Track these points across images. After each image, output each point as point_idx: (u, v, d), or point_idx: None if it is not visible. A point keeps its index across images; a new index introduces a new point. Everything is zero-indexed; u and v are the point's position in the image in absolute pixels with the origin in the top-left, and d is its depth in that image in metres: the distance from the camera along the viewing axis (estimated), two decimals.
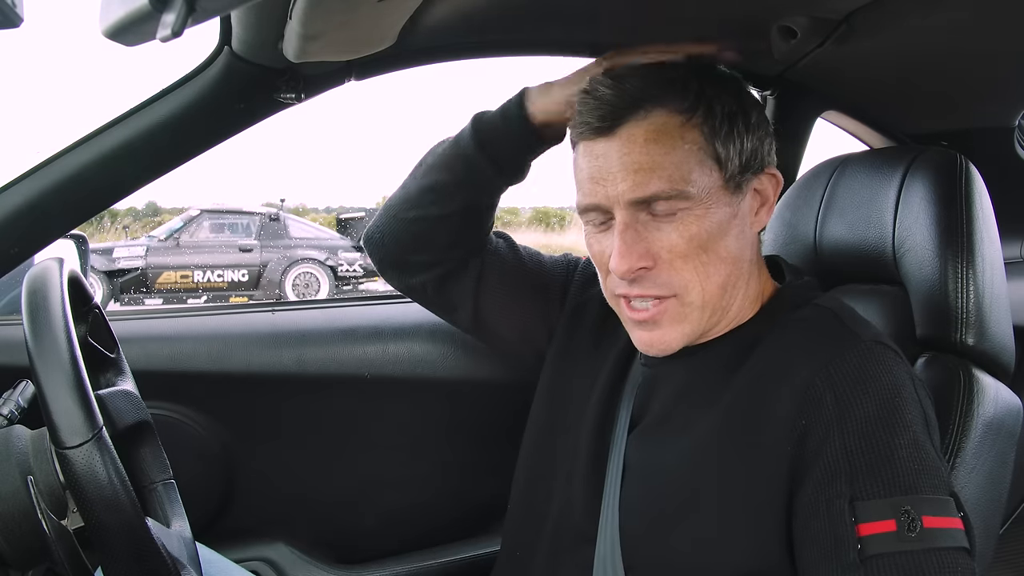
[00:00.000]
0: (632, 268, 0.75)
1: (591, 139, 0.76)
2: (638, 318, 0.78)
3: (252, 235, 9.33)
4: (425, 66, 1.07)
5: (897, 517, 0.62)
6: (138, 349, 1.18)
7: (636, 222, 0.75)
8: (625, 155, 0.74)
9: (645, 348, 0.80)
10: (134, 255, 8.87)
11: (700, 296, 0.76)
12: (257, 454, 1.27)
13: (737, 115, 0.77)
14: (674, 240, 0.74)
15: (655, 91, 0.74)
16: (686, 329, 0.78)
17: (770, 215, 0.82)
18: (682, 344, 0.78)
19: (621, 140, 0.74)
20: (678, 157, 0.73)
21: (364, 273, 9.35)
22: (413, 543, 1.34)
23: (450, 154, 0.96)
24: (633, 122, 0.74)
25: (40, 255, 1.03)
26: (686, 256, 0.75)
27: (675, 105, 0.74)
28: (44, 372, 0.63)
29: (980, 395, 0.80)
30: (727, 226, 0.76)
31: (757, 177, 0.79)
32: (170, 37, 0.38)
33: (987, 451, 0.79)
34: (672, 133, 0.74)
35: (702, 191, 0.74)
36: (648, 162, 0.73)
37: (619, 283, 0.78)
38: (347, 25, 0.75)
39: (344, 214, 10.41)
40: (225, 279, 9.01)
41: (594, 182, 0.76)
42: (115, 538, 0.62)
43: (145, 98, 0.97)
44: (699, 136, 0.74)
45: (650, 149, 0.73)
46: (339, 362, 1.26)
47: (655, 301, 0.77)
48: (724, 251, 0.76)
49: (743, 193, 0.78)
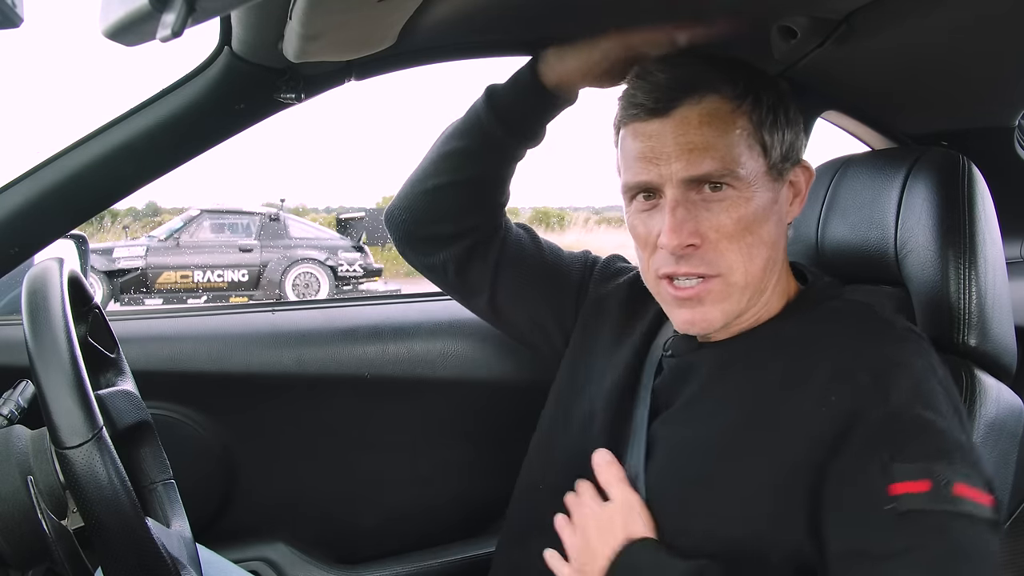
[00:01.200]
0: (682, 243, 0.77)
1: (644, 120, 0.79)
2: (682, 295, 0.80)
3: (252, 235, 9.32)
4: (425, 66, 1.07)
5: (932, 478, 0.64)
6: (138, 349, 1.18)
7: (687, 200, 0.77)
8: (680, 135, 0.77)
9: (687, 327, 0.82)
10: (134, 255, 8.87)
11: (744, 276, 0.78)
12: (257, 454, 1.27)
13: (779, 107, 0.80)
14: (722, 220, 0.77)
15: (708, 77, 0.78)
16: (728, 308, 0.79)
17: (801, 207, 0.84)
18: (723, 323, 0.80)
19: (675, 121, 0.77)
20: (730, 140, 0.77)
21: (364, 273, 9.36)
22: (413, 543, 1.34)
23: (465, 121, 1.00)
24: (688, 105, 0.77)
25: (40, 255, 1.03)
26: (732, 236, 0.77)
27: (727, 92, 0.78)
28: (44, 372, 0.63)
29: (982, 396, 0.80)
30: (769, 211, 0.79)
31: (794, 168, 0.82)
32: (170, 37, 0.38)
33: (989, 451, 0.79)
34: (724, 117, 0.77)
35: (750, 174, 0.77)
36: (702, 142, 0.76)
37: (665, 261, 0.79)
38: (347, 25, 0.75)
39: (344, 214, 10.41)
40: (225, 279, 9.01)
41: (646, 161, 0.78)
42: (115, 538, 0.62)
43: (145, 98, 0.97)
44: (748, 123, 0.78)
45: (703, 131, 0.76)
46: (339, 362, 1.26)
47: (700, 280, 0.79)
48: (766, 235, 0.79)
49: (783, 181, 0.81)
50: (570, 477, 0.85)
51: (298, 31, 0.73)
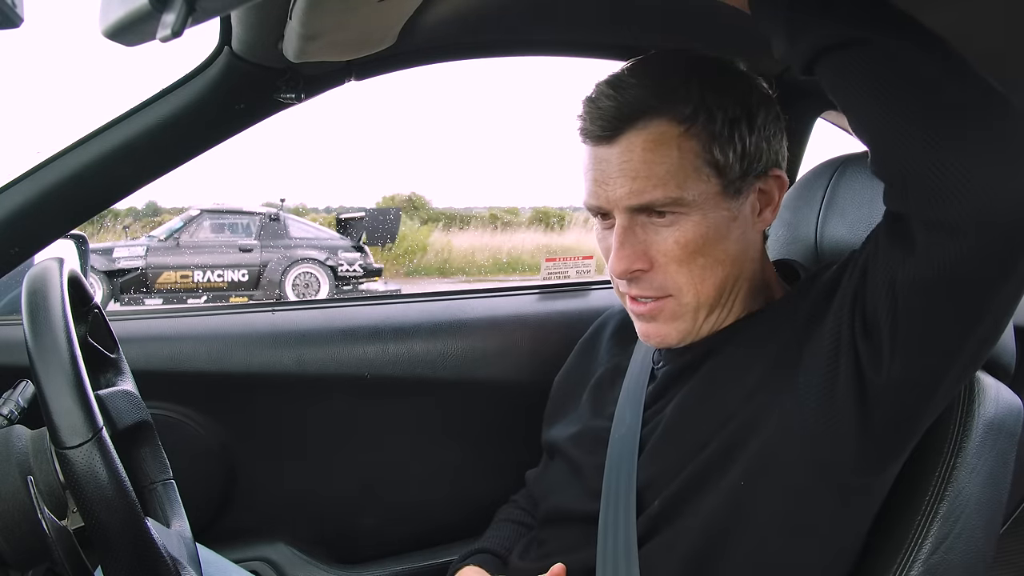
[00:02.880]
0: (628, 269, 0.78)
1: (593, 144, 0.79)
2: (638, 311, 0.82)
3: (252, 235, 9.31)
4: (425, 66, 1.07)
5: None
6: (138, 349, 1.18)
7: (635, 224, 0.78)
8: (624, 163, 0.76)
9: (644, 339, 0.84)
10: (134, 255, 8.86)
11: (695, 298, 0.79)
12: (257, 454, 1.27)
13: (740, 120, 0.77)
14: (669, 245, 0.77)
15: (655, 101, 0.76)
16: (681, 326, 0.81)
17: (775, 214, 0.83)
18: (679, 339, 0.82)
19: (621, 148, 0.77)
20: (675, 166, 0.75)
21: (364, 273, 9.35)
22: (413, 543, 1.34)
23: None
24: (633, 132, 0.76)
25: (40, 255, 1.03)
26: (680, 260, 0.77)
27: (675, 114, 0.76)
28: (44, 372, 0.63)
29: (981, 395, 0.80)
30: (726, 230, 0.78)
31: (761, 179, 0.80)
32: (170, 37, 0.38)
33: (988, 451, 0.79)
34: (670, 143, 0.76)
35: (698, 197, 0.76)
36: (645, 171, 0.75)
37: (620, 281, 0.82)
38: (347, 25, 0.76)
39: (344, 214, 10.39)
40: (225, 279, 9.00)
41: (597, 184, 0.79)
42: (115, 538, 0.62)
43: (145, 98, 0.97)
44: (697, 145, 0.76)
45: (647, 158, 0.75)
46: (339, 362, 1.26)
47: (653, 299, 0.80)
48: (722, 254, 0.78)
49: (743, 196, 0.79)
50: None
51: (298, 31, 0.73)
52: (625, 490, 0.81)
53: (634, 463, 0.82)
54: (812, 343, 0.72)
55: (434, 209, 16.01)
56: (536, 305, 1.40)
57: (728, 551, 0.74)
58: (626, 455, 0.83)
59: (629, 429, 0.85)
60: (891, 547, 0.79)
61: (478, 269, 12.21)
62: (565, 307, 1.40)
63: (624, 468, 0.82)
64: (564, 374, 1.06)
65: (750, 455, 0.73)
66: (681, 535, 0.76)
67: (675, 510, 0.77)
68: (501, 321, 1.35)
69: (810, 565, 0.76)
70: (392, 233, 10.30)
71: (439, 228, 14.17)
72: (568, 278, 1.55)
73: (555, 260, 1.57)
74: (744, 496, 0.73)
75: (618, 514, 0.80)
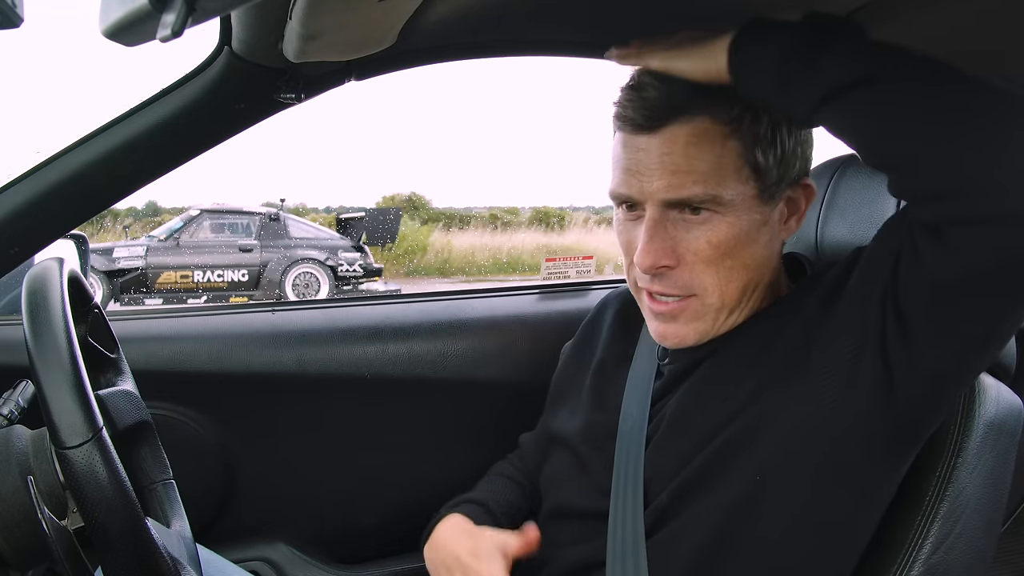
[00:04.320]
0: (655, 264, 0.76)
1: (631, 133, 0.77)
2: (658, 310, 0.80)
3: (252, 235, 9.32)
4: (425, 66, 1.07)
5: None
6: (138, 349, 1.18)
7: (666, 220, 0.77)
8: (665, 155, 0.75)
9: (660, 339, 0.83)
10: (134, 255, 8.86)
11: (719, 299, 0.78)
12: (257, 454, 1.27)
13: (783, 123, 0.77)
14: (701, 244, 0.76)
15: (703, 97, 0.74)
16: (701, 327, 0.80)
17: (800, 224, 0.83)
18: (697, 340, 0.81)
19: (663, 139, 0.75)
20: (717, 164, 0.74)
21: (364, 273, 9.35)
22: (413, 543, 1.34)
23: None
24: (677, 124, 0.74)
25: (40, 255, 1.03)
26: (709, 260, 0.76)
27: (721, 114, 0.75)
28: (44, 372, 0.63)
29: (981, 395, 0.80)
30: (756, 234, 0.77)
31: (791, 187, 0.80)
32: (170, 37, 0.38)
33: (988, 451, 0.79)
34: (714, 140, 0.74)
35: (735, 198, 0.75)
36: (686, 165, 0.74)
37: (642, 277, 0.80)
38: (347, 25, 0.75)
39: (344, 214, 10.40)
40: (225, 279, 9.00)
41: (630, 174, 0.77)
42: (115, 538, 0.61)
43: (145, 98, 0.97)
44: (740, 146, 0.75)
45: (689, 152, 0.74)
46: (339, 362, 1.26)
47: (677, 298, 0.79)
48: (749, 258, 0.78)
49: (776, 202, 0.79)
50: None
51: (298, 31, 0.73)
52: (633, 484, 0.81)
53: (641, 458, 0.81)
54: (824, 339, 0.72)
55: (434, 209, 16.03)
56: (536, 305, 1.40)
57: (737, 544, 0.74)
58: (633, 450, 0.83)
59: (636, 424, 0.84)
60: (891, 547, 0.79)
61: (478, 269, 12.21)
62: (565, 307, 1.40)
63: (632, 462, 0.82)
64: (572, 350, 1.05)
65: (763, 449, 0.73)
66: (689, 527, 0.76)
67: (682, 502, 0.77)
68: (501, 321, 1.35)
69: (821, 559, 0.76)
70: (392, 233, 10.30)
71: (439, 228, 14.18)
72: (568, 278, 1.55)
73: (555, 260, 1.57)
74: (756, 490, 0.73)
75: (626, 508, 0.80)
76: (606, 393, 0.92)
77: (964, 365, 0.68)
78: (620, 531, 0.79)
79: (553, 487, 0.93)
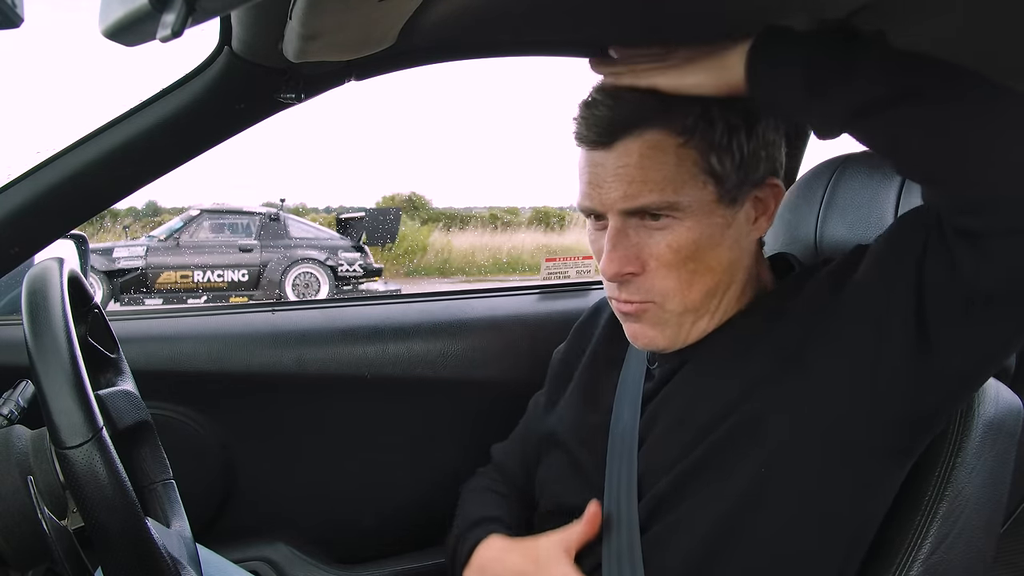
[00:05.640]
0: (619, 272, 0.78)
1: (588, 149, 0.79)
2: (623, 309, 0.82)
3: (252, 235, 9.32)
4: (425, 66, 1.07)
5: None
6: (138, 349, 1.18)
7: (627, 227, 0.78)
8: (620, 168, 0.76)
9: (633, 340, 0.85)
10: (134, 255, 8.86)
11: (680, 304, 0.79)
12: (257, 454, 1.27)
13: (740, 128, 0.77)
14: (662, 249, 0.77)
15: (652, 113, 0.76)
16: (668, 332, 0.82)
17: (770, 223, 0.83)
18: (667, 345, 0.82)
19: (617, 153, 0.77)
20: (672, 173, 0.75)
21: (364, 273, 9.35)
22: (413, 543, 1.34)
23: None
24: (629, 139, 0.76)
25: (40, 255, 1.03)
26: (671, 264, 0.78)
27: (674, 126, 0.76)
28: (44, 372, 0.63)
29: (980, 395, 0.80)
30: (719, 237, 0.78)
31: (757, 187, 0.80)
32: (170, 37, 0.38)
33: (988, 451, 0.79)
34: (667, 151, 0.76)
35: (693, 203, 0.76)
36: (641, 176, 0.76)
37: (608, 285, 0.82)
38: (347, 25, 0.75)
39: (344, 214, 10.40)
40: (225, 279, 9.00)
41: (591, 186, 0.79)
42: (115, 538, 0.62)
43: (145, 98, 0.97)
44: (695, 154, 0.76)
45: (644, 164, 0.76)
46: (339, 362, 1.26)
47: (638, 302, 0.80)
48: (714, 261, 0.79)
49: (739, 204, 0.79)
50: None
51: (298, 31, 0.73)
52: (627, 482, 0.81)
53: (634, 456, 0.82)
54: (828, 335, 0.72)
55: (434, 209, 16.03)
56: (536, 305, 1.40)
57: (738, 539, 0.74)
58: (626, 450, 0.83)
59: (628, 424, 0.85)
60: (891, 547, 0.79)
61: (478, 269, 12.21)
62: (565, 307, 1.40)
63: (625, 462, 0.83)
64: (563, 351, 1.06)
65: (766, 443, 0.73)
66: (685, 523, 0.76)
67: (679, 497, 0.77)
68: (501, 321, 1.35)
69: (822, 554, 0.76)
70: (392, 233, 10.30)
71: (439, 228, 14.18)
72: (568, 278, 1.55)
73: (555, 260, 1.57)
74: (760, 483, 0.73)
75: (620, 506, 0.80)
76: (598, 394, 0.93)
77: (984, 370, 0.70)
78: (615, 529, 0.80)
79: (548, 487, 0.94)
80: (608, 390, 0.91)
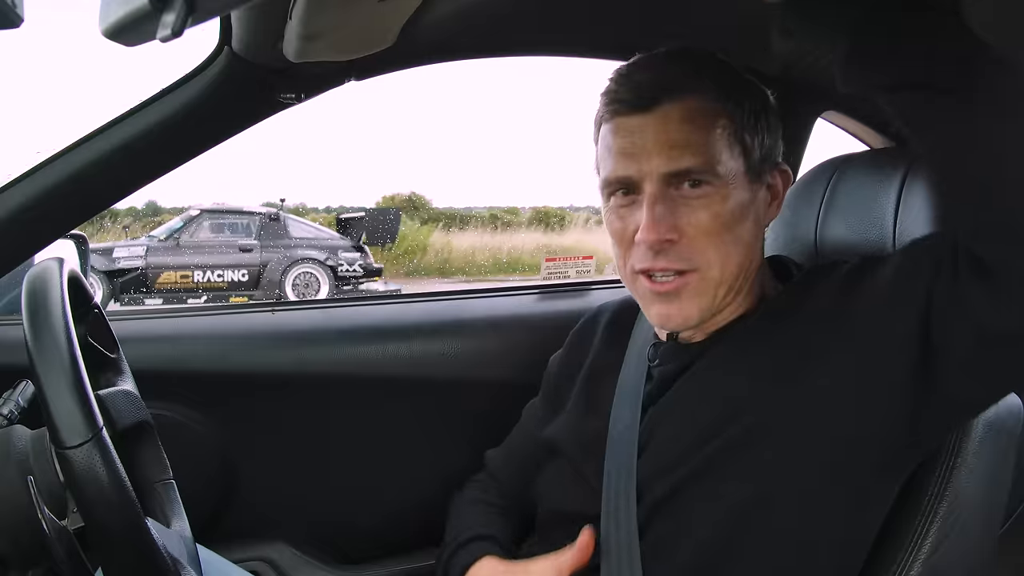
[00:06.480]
0: (661, 238, 0.77)
1: (626, 115, 0.79)
2: (660, 290, 0.80)
3: (252, 235, 9.31)
4: (425, 66, 1.07)
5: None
6: (138, 349, 1.18)
7: (665, 196, 0.78)
8: (661, 131, 0.77)
9: (663, 322, 0.83)
10: (134, 255, 8.86)
11: (720, 273, 0.79)
12: (257, 454, 1.27)
13: (761, 112, 0.81)
14: (701, 217, 0.77)
15: (692, 81, 0.78)
16: (704, 303, 0.80)
17: (779, 210, 0.85)
18: (699, 319, 0.81)
19: (657, 117, 0.78)
20: (710, 138, 0.77)
21: (364, 273, 9.35)
22: (413, 543, 1.34)
23: None
24: (670, 103, 0.78)
25: (40, 255, 1.03)
26: (710, 233, 0.78)
27: (708, 94, 0.78)
28: (44, 372, 0.63)
29: None
30: (747, 210, 0.80)
31: (772, 171, 0.83)
32: (170, 37, 0.38)
33: (988, 451, 0.79)
34: (706, 116, 0.78)
35: (729, 172, 0.78)
36: (682, 139, 0.77)
37: (643, 257, 0.79)
38: (347, 25, 0.75)
39: (344, 214, 10.40)
40: (225, 279, 9.00)
41: (626, 156, 0.79)
42: (115, 538, 0.62)
43: (145, 98, 0.97)
44: (729, 123, 0.79)
45: (684, 127, 0.77)
46: (339, 362, 1.26)
47: (677, 275, 0.79)
48: (747, 233, 0.80)
49: (762, 182, 0.82)
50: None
51: (298, 31, 0.73)
52: (625, 487, 0.81)
53: (633, 462, 0.82)
54: (831, 348, 0.73)
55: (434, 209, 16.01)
56: (536, 305, 1.40)
57: (739, 544, 0.74)
58: (625, 454, 0.83)
59: (627, 428, 0.85)
60: (891, 547, 0.79)
61: (478, 269, 12.20)
62: (565, 307, 1.40)
63: (624, 466, 0.82)
64: (561, 360, 1.06)
65: (769, 449, 0.73)
66: (685, 527, 0.76)
67: (678, 501, 0.77)
68: (501, 321, 1.35)
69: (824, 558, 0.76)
70: (392, 233, 10.29)
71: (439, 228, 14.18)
72: (568, 278, 1.55)
73: (555, 260, 1.57)
74: (763, 488, 0.73)
75: (619, 511, 0.80)
76: (597, 399, 0.92)
77: (989, 402, 0.72)
78: (614, 535, 0.80)
79: (549, 494, 0.94)
80: (608, 395, 0.91)
